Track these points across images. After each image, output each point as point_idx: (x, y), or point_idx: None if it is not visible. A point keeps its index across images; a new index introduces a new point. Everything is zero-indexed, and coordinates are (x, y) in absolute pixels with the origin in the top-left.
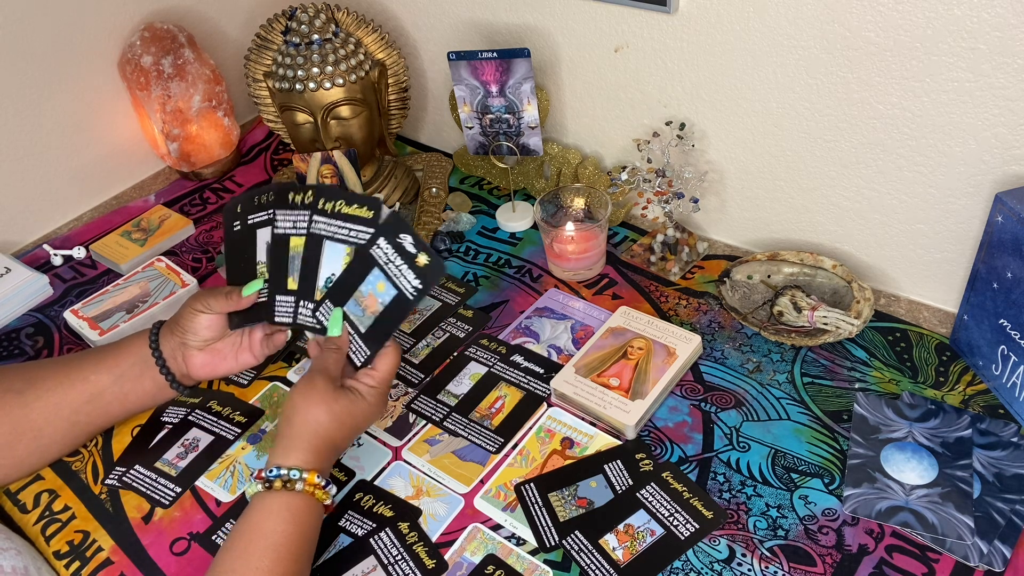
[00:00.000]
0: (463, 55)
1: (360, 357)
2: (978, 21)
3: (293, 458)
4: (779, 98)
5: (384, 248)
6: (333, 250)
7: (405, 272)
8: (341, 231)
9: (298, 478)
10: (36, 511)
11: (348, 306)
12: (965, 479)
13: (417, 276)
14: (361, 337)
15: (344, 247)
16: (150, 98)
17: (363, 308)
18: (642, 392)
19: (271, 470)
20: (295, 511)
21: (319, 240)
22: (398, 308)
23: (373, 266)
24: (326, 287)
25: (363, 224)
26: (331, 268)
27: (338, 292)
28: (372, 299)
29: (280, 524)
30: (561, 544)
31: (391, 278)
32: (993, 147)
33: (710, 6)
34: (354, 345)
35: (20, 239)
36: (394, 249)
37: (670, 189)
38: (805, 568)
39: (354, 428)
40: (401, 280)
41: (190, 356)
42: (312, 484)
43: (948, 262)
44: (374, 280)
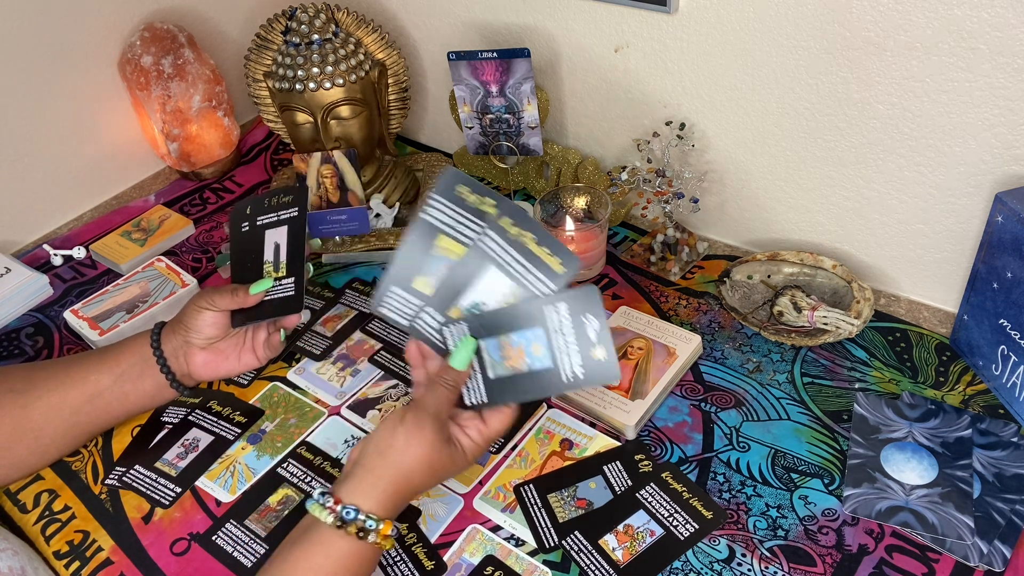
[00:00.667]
0: (463, 55)
1: (473, 398)
2: (978, 21)
3: (373, 502)
4: (779, 98)
5: (562, 315)
6: (496, 280)
7: (573, 354)
8: (517, 267)
9: (373, 528)
10: (36, 511)
11: (487, 343)
12: (965, 479)
13: (583, 365)
14: (484, 380)
15: (511, 284)
16: (150, 98)
17: (503, 356)
18: (642, 392)
19: (348, 509)
20: (359, 559)
21: (486, 261)
22: (544, 382)
23: (539, 325)
24: (469, 311)
25: (547, 276)
26: (484, 296)
27: (482, 323)
28: (519, 354)
29: (341, 571)
30: (560, 545)
31: (553, 350)
32: (993, 147)
33: (710, 6)
34: (472, 384)
35: (20, 239)
36: (572, 324)
37: (670, 189)
38: (805, 568)
39: (440, 479)
40: (563, 359)
41: (192, 355)
42: (383, 536)
43: (948, 262)
44: (532, 338)
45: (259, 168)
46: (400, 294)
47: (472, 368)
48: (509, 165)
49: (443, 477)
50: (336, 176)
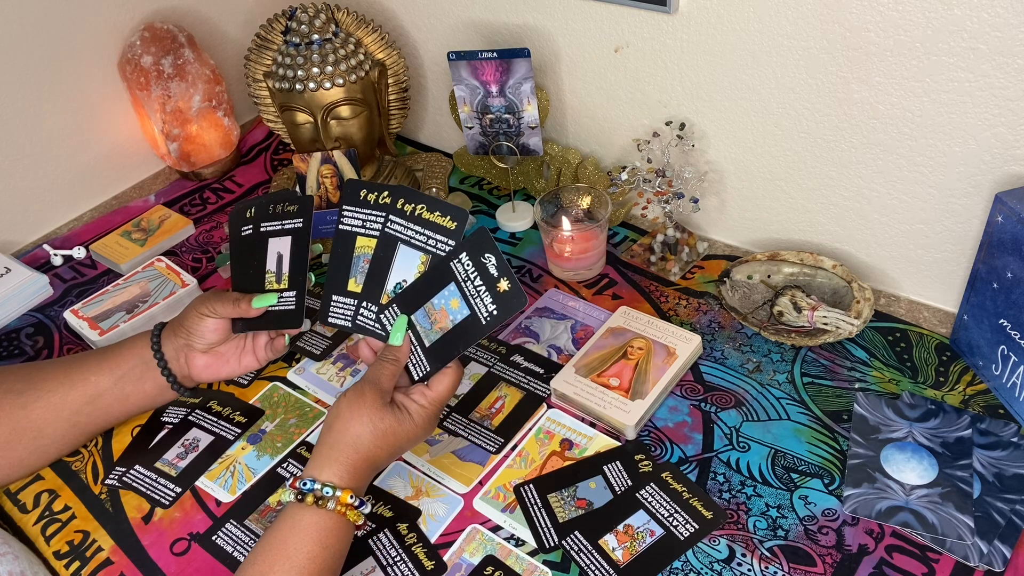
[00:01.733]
0: (463, 55)
1: (419, 371)
2: (978, 21)
3: (328, 472)
4: (779, 98)
5: (465, 264)
6: (407, 255)
7: (483, 295)
8: (419, 237)
9: (331, 496)
10: (36, 511)
11: (417, 316)
12: (965, 479)
13: (494, 301)
14: (424, 351)
15: (420, 254)
16: (150, 98)
17: (432, 322)
18: (642, 392)
19: (305, 482)
20: (323, 531)
21: (393, 242)
22: (469, 331)
23: (450, 281)
24: (395, 292)
25: (444, 234)
26: (403, 274)
27: (407, 299)
28: (443, 314)
29: (306, 544)
30: (560, 545)
31: (467, 297)
32: (993, 147)
33: (710, 6)
34: (415, 358)
35: (20, 239)
36: (476, 268)
37: (670, 189)
38: (805, 568)
39: (396, 447)
40: (477, 302)
41: (193, 358)
42: (344, 504)
43: (948, 262)
44: (448, 295)
45: (259, 168)
46: (339, 300)
47: (411, 344)
48: (509, 165)
49: (396, 441)
50: (336, 176)
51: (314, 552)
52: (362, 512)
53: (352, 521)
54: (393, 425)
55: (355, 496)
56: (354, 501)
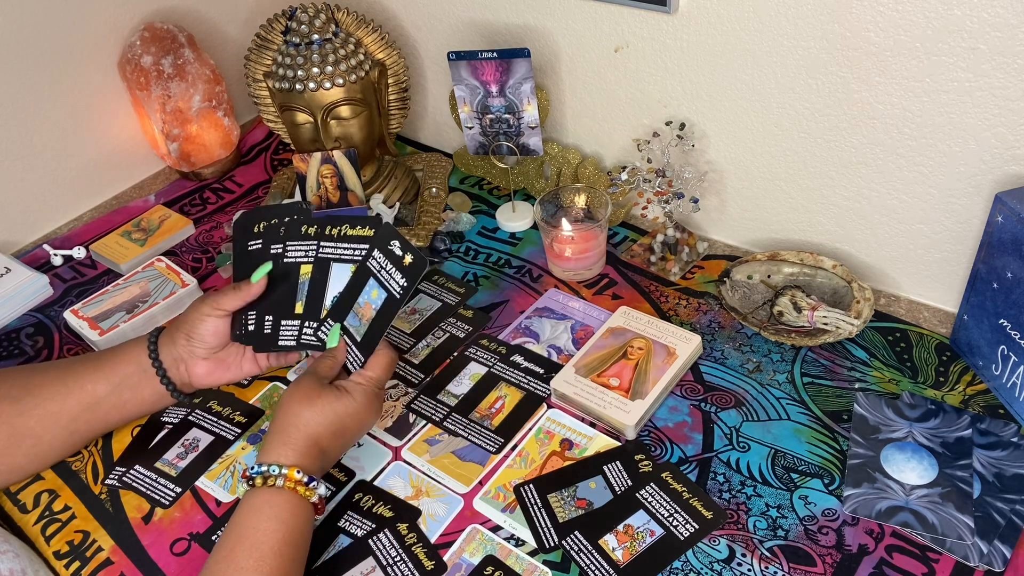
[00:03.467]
0: (463, 55)
1: (356, 365)
2: (978, 21)
3: (274, 454)
4: (779, 98)
5: (377, 258)
6: (339, 271)
7: (393, 274)
8: (346, 252)
9: (277, 474)
10: (36, 511)
11: (348, 320)
12: (965, 479)
13: (403, 275)
14: (357, 346)
15: (349, 266)
16: (150, 98)
17: (360, 318)
18: (642, 392)
19: (251, 468)
20: (277, 508)
21: (326, 263)
22: (387, 309)
23: (369, 277)
24: (332, 305)
25: (364, 242)
26: (336, 288)
27: (340, 308)
28: (368, 307)
29: (262, 521)
30: (560, 545)
31: (383, 283)
32: (993, 147)
33: (710, 6)
34: (351, 355)
35: (20, 239)
36: (385, 256)
37: (670, 189)
38: (805, 568)
39: (340, 427)
40: (390, 283)
41: (194, 365)
42: (293, 480)
43: (948, 262)
44: (369, 290)
45: (259, 168)
46: (287, 324)
47: (347, 344)
48: (509, 165)
49: (340, 420)
50: (336, 176)
51: (270, 528)
52: (315, 490)
53: (305, 497)
54: (331, 402)
55: (303, 472)
56: (302, 477)
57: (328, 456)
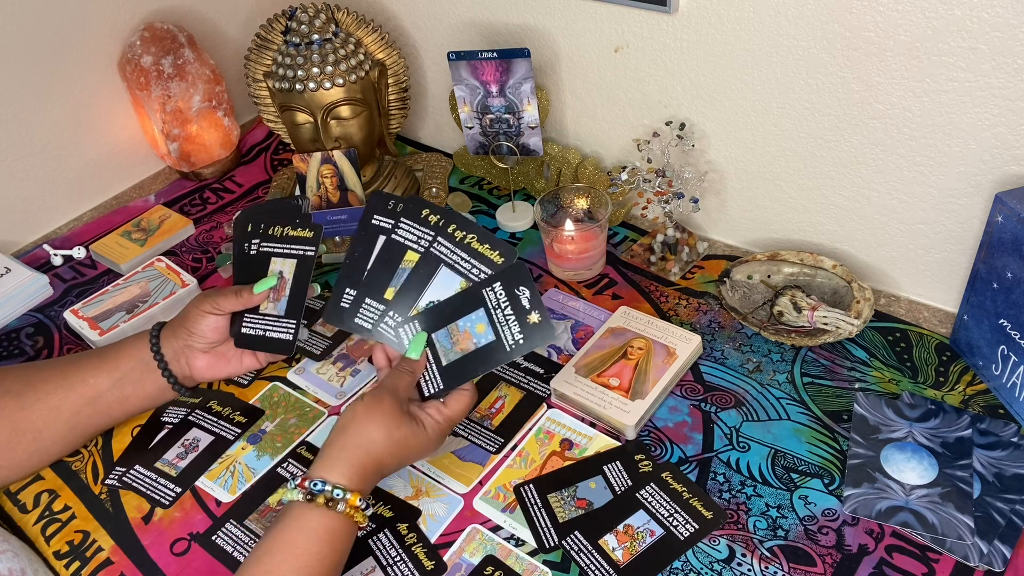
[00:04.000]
0: (463, 55)
1: (431, 388)
2: (978, 21)
3: (338, 474)
4: (779, 98)
5: (498, 293)
6: (447, 278)
7: (511, 324)
8: (463, 264)
9: (341, 498)
10: (36, 511)
11: (438, 335)
12: (965, 479)
13: (522, 331)
14: (439, 369)
15: (460, 279)
16: (150, 98)
17: (453, 342)
18: (642, 392)
19: (315, 482)
20: (331, 532)
21: (436, 263)
22: (490, 356)
23: (480, 307)
24: (426, 309)
25: (489, 266)
26: (438, 293)
27: (432, 317)
28: (467, 336)
29: (315, 544)
30: (560, 545)
31: (494, 324)
32: (993, 147)
33: (710, 6)
34: (428, 374)
35: (20, 239)
36: (508, 297)
37: (670, 189)
38: (805, 568)
39: (404, 457)
40: (504, 330)
41: (194, 358)
42: (353, 507)
43: (948, 262)
44: (475, 320)
45: (259, 168)
46: (371, 304)
47: (427, 360)
48: (509, 165)
49: (407, 452)
50: (336, 176)
51: (323, 553)
52: (367, 515)
53: (358, 523)
54: (407, 435)
55: (363, 499)
56: (362, 504)
57: (382, 475)
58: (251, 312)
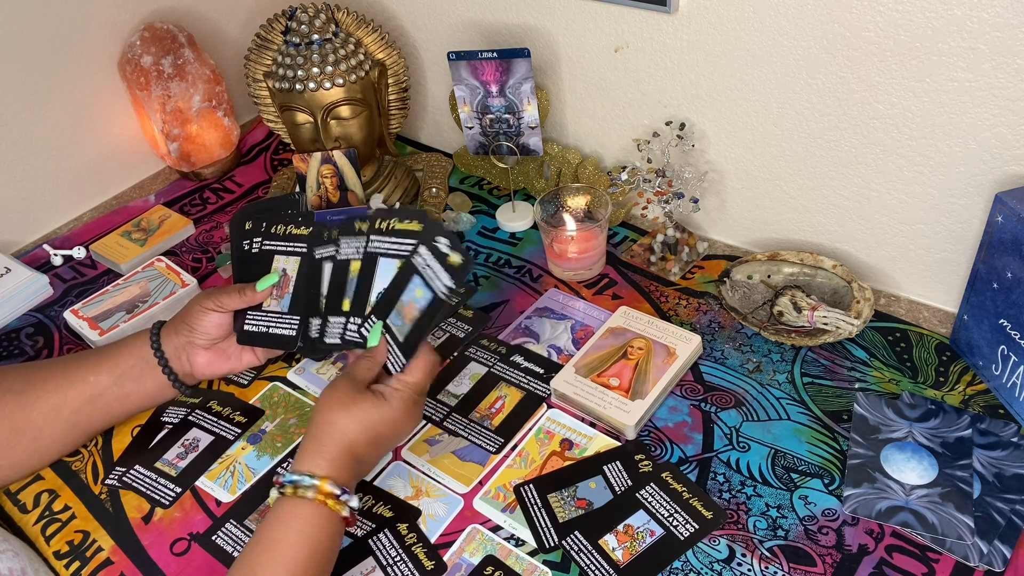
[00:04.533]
0: (463, 55)
1: (397, 366)
2: (978, 21)
3: (307, 463)
4: (779, 98)
5: (423, 255)
6: (386, 266)
7: (439, 274)
8: (393, 247)
9: (309, 484)
10: (36, 511)
11: (391, 318)
12: (965, 479)
13: (451, 276)
14: (399, 346)
15: (395, 261)
16: (150, 98)
17: (403, 317)
18: (642, 392)
19: (285, 476)
20: (303, 520)
21: (373, 258)
22: (432, 310)
23: (413, 274)
24: (376, 303)
25: (411, 237)
26: (382, 284)
27: (383, 305)
28: (411, 306)
29: (288, 534)
30: (560, 545)
31: (428, 282)
32: (993, 147)
33: (710, 6)
34: (392, 356)
35: (20, 239)
36: (431, 253)
37: (670, 189)
38: (805, 568)
39: (376, 435)
40: (436, 283)
41: (195, 355)
42: (324, 492)
43: (948, 262)
44: (413, 288)
45: (259, 168)
46: (334, 320)
47: (388, 344)
48: (509, 165)
49: (375, 427)
50: (336, 176)
51: (296, 542)
52: (346, 503)
53: (335, 511)
54: (368, 409)
55: (335, 485)
56: (333, 489)
57: (363, 465)
58: (254, 309)
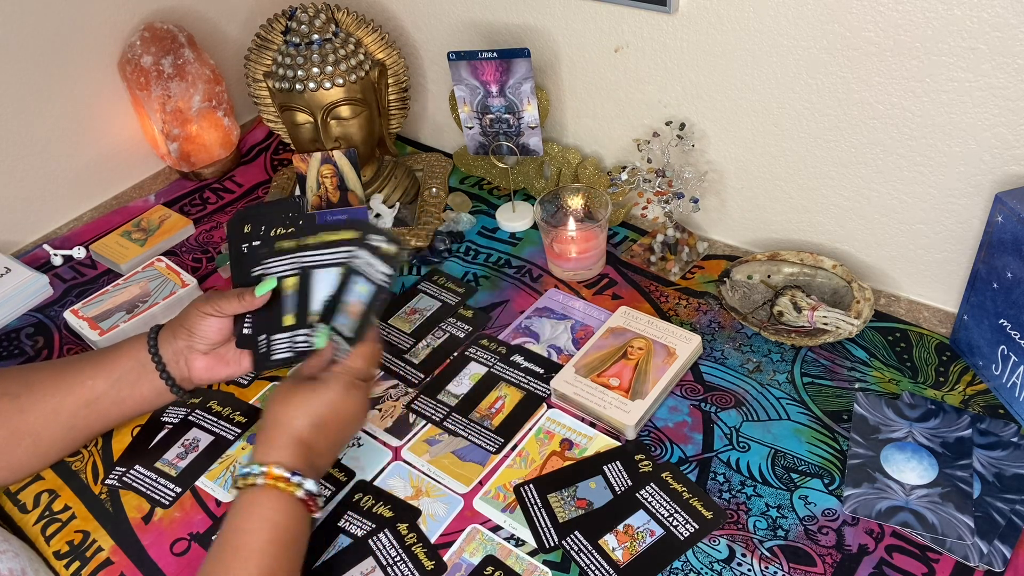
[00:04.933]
0: (463, 55)
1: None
2: (978, 21)
3: (256, 456)
4: (779, 98)
5: (362, 255)
6: (325, 276)
7: (377, 265)
8: (329, 257)
9: (257, 472)
10: (36, 511)
11: (338, 320)
12: (965, 479)
13: (386, 263)
14: (349, 342)
15: (336, 270)
16: (150, 98)
17: (349, 316)
18: (642, 392)
19: (237, 469)
20: (259, 507)
21: (308, 272)
22: (374, 300)
23: (352, 274)
24: (321, 311)
25: (348, 244)
26: (324, 293)
27: (329, 312)
28: (356, 303)
29: (245, 522)
30: (560, 545)
31: (368, 278)
32: (993, 147)
33: (710, 6)
34: (342, 352)
35: (20, 239)
36: (368, 252)
37: (670, 189)
38: (805, 568)
39: (319, 418)
40: (375, 275)
41: (193, 360)
42: (273, 476)
43: (948, 262)
44: (355, 287)
45: (259, 168)
46: (279, 338)
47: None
48: (509, 165)
49: (315, 410)
50: (336, 176)
51: (254, 527)
52: (299, 485)
53: (287, 492)
54: (306, 395)
55: (283, 468)
56: (282, 472)
57: (316, 450)
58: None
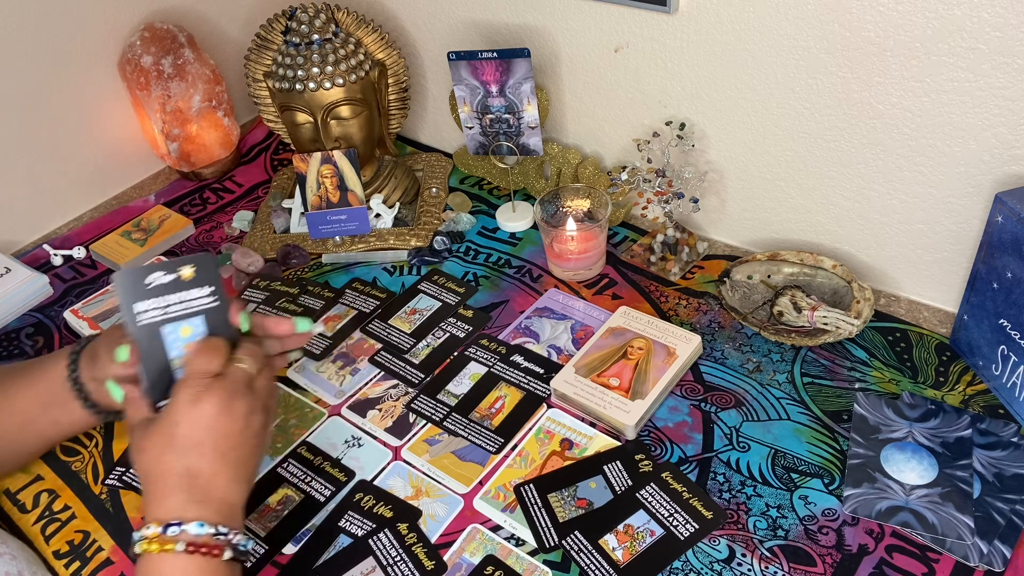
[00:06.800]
0: (463, 55)
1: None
2: (978, 21)
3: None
4: (779, 98)
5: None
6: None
7: (187, 299)
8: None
9: (137, 539)
10: (36, 511)
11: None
12: (965, 479)
13: (198, 286)
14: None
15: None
16: (150, 98)
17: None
18: (642, 392)
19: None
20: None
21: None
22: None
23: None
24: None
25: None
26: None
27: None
28: (188, 349)
29: None
30: (561, 544)
31: (186, 315)
32: (993, 147)
33: (710, 6)
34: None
35: (20, 239)
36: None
37: (670, 189)
38: (805, 568)
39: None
40: (196, 306)
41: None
42: (148, 539)
43: (948, 262)
44: (175, 336)
45: (259, 168)
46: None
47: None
48: (509, 165)
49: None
50: (336, 176)
51: None
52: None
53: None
54: (151, 429)
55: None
56: (153, 531)
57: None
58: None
